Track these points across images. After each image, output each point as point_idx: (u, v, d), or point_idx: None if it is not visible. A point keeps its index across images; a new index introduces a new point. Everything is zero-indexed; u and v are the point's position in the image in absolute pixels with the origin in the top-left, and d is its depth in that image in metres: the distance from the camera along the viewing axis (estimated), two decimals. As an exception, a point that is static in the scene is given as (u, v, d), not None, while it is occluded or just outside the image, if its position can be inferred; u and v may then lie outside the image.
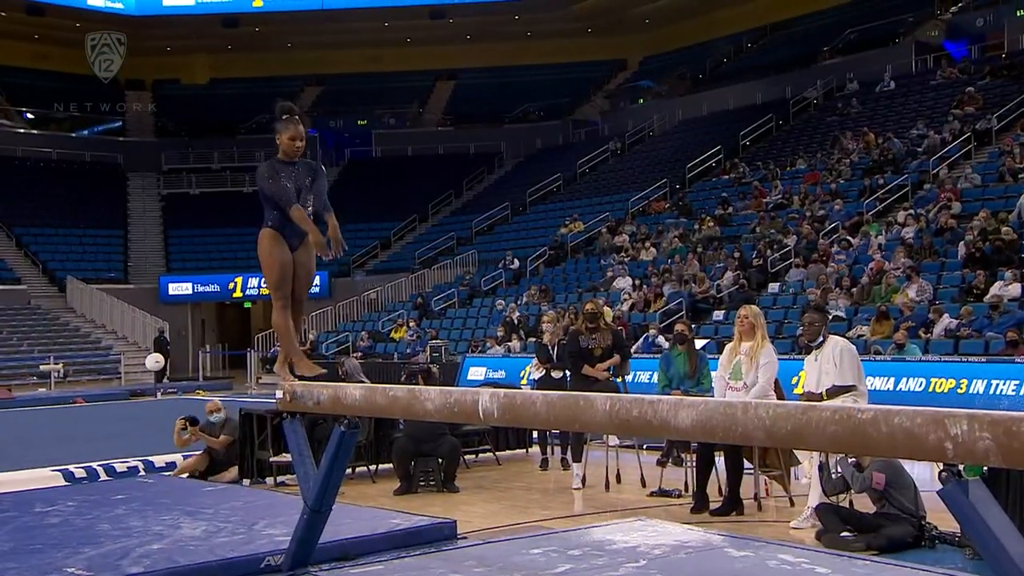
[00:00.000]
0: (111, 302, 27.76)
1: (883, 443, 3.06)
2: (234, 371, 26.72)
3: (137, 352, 25.76)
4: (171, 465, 9.57)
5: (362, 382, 8.61)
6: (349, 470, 8.63)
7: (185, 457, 9.44)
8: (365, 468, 9.38)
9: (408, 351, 20.70)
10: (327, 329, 26.16)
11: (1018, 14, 24.93)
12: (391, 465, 8.98)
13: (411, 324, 22.58)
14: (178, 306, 29.89)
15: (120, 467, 9.45)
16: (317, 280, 29.36)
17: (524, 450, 10.63)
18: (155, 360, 23.02)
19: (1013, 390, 10.97)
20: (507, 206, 29.90)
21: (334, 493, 4.97)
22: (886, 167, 20.67)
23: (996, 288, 14.07)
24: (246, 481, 9.02)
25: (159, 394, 21.14)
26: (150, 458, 9.76)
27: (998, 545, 2.79)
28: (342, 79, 38.01)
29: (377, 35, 36.90)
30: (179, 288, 30.22)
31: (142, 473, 9.30)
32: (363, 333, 23.39)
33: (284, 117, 4.91)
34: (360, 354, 20.57)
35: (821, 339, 6.66)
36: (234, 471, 9.06)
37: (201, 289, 30.31)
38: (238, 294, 30.35)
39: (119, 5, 35.62)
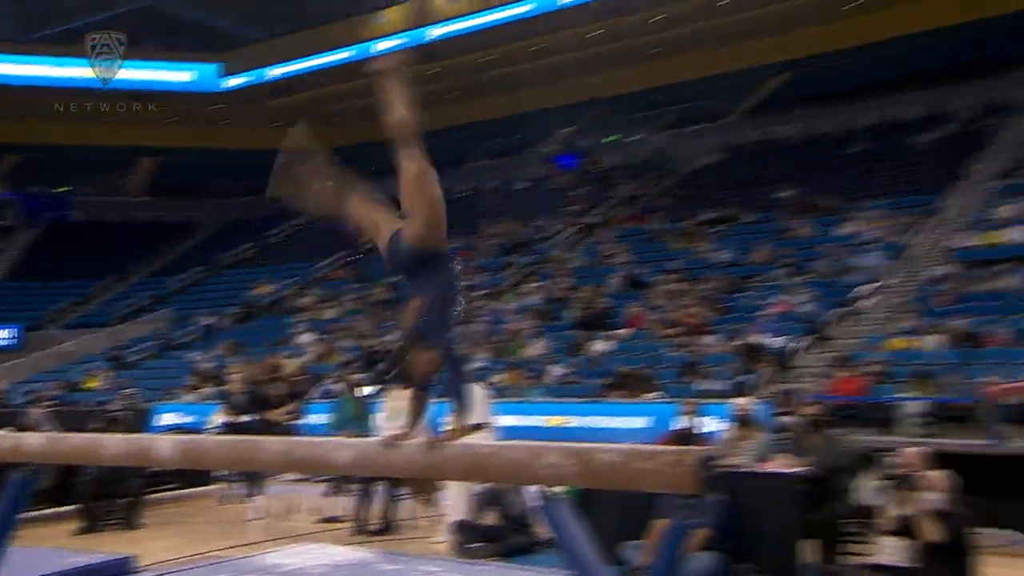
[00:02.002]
0: None
1: (502, 472, 3.27)
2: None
3: None
4: None
5: (47, 431, 7.71)
6: (35, 512, 7.66)
7: None
8: (50, 510, 8.34)
9: (102, 400, 18.79)
10: (19, 380, 23.09)
11: (606, 140, 28.31)
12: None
13: (105, 374, 20.56)
14: None
15: None
16: (6, 333, 26.08)
17: (208, 486, 10.00)
18: None
19: (606, 424, 12.01)
20: (203, 269, 28.28)
21: (9, 537, 4.38)
22: (519, 249, 22.14)
23: (595, 345, 15.45)
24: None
25: None
26: None
27: (577, 549, 3.03)
28: (43, 149, 34.12)
29: (80, 113, 33.62)
30: None
31: None
32: (54, 384, 20.93)
33: None
34: (55, 402, 18.34)
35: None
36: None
37: None
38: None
39: None
